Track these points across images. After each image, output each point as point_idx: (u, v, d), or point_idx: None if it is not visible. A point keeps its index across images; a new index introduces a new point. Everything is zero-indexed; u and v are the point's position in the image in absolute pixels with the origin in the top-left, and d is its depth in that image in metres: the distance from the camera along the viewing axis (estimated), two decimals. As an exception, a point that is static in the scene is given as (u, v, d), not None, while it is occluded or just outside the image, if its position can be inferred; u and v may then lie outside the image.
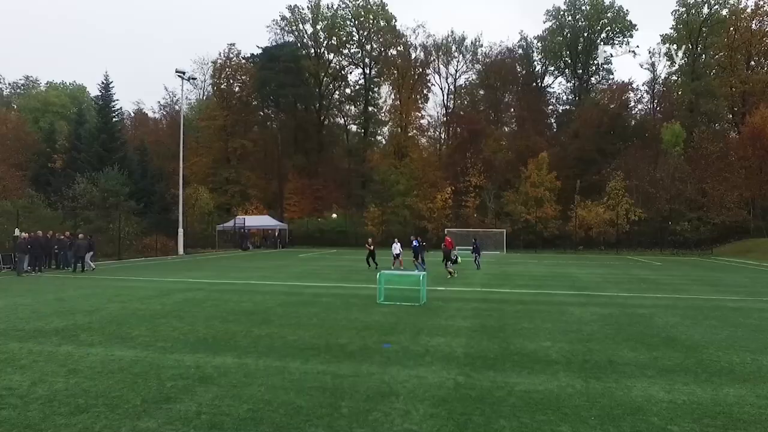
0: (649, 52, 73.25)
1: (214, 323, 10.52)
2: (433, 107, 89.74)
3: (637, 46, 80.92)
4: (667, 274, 23.90)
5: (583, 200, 47.41)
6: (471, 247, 26.80)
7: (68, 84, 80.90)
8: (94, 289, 16.14)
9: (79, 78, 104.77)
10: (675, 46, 58.14)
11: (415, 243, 23.85)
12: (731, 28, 53.22)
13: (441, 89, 66.38)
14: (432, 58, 61.64)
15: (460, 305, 13.38)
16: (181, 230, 34.39)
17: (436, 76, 64.08)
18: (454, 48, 65.20)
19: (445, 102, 65.36)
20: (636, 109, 60.19)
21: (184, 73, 35.01)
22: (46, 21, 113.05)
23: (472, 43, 65.85)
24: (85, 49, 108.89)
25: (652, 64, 61.74)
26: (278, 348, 8.45)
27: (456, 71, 65.54)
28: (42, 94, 73.75)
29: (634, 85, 58.91)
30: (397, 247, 24.18)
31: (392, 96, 58.83)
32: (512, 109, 63.98)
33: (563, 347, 8.75)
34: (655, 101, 61.96)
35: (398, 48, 60.05)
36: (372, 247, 24.33)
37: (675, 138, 47.19)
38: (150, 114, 69.70)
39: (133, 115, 70.18)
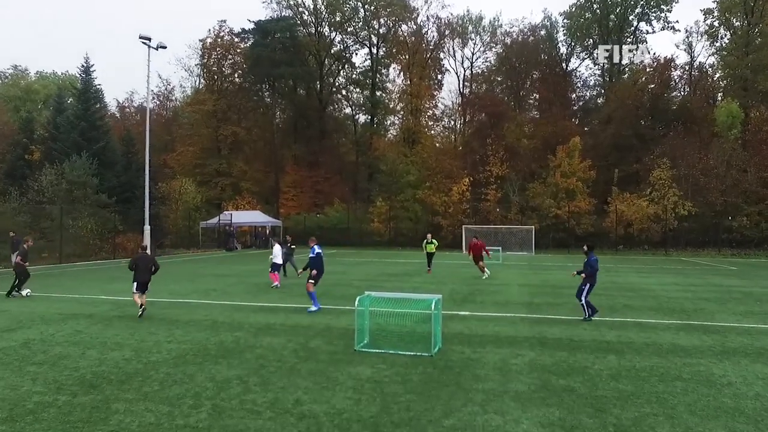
0: (686, 31, 66.21)
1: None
2: (448, 95, 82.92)
3: (677, 21, 72.90)
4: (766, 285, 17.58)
5: (621, 192, 40.80)
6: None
7: (59, 74, 76.03)
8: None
9: (73, 69, 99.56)
10: (718, 22, 51.09)
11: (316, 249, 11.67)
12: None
13: (456, 74, 60.00)
14: (446, 39, 55.35)
15: (502, 356, 7.40)
16: (147, 227, 28.72)
17: (451, 60, 57.71)
18: (470, 28, 58.88)
19: (461, 89, 59.01)
20: (676, 91, 53.04)
21: (149, 39, 29.35)
22: (40, 8, 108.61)
23: (490, 22, 59.61)
24: (83, 42, 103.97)
25: (690, 45, 54.72)
26: None
27: (473, 54, 59.18)
28: (26, 83, 68.94)
29: (677, 62, 51.59)
30: (279, 254, 15.50)
31: (402, 77, 52.58)
32: (536, 93, 57.33)
33: None
34: (692, 86, 54.74)
35: (408, 24, 53.82)
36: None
37: (731, 119, 40.23)
38: (150, 105, 64.29)
39: (122, 103, 65.00)
